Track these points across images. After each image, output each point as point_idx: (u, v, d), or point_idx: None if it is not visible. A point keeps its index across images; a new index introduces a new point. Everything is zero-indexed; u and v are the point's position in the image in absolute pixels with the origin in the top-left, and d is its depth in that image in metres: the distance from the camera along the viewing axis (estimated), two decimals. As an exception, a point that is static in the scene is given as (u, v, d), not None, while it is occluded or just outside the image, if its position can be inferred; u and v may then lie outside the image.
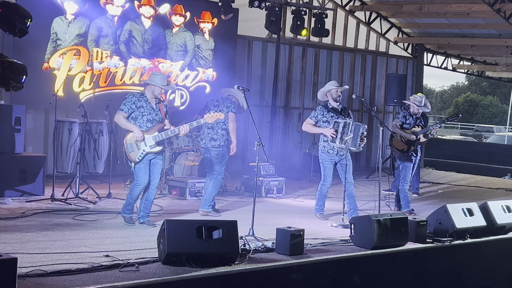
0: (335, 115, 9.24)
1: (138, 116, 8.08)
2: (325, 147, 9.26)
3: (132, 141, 8.02)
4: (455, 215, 8.40)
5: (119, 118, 8.10)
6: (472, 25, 17.75)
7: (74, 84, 12.04)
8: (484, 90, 60.23)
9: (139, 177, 8.09)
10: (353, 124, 9.13)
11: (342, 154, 9.19)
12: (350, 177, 9.26)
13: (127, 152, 8.05)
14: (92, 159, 10.50)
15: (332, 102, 9.36)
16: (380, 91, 18.60)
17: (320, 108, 9.36)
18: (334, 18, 17.19)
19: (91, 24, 12.21)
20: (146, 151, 8.02)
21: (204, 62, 13.95)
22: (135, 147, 8.01)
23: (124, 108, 8.09)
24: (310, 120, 9.43)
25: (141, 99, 8.14)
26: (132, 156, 8.03)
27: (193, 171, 11.41)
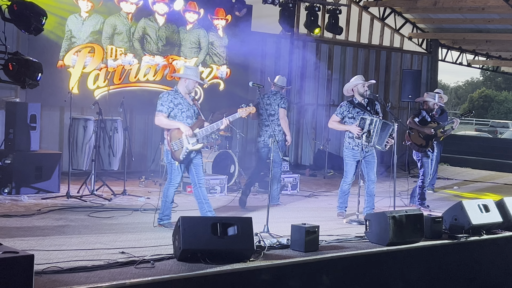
0: (361, 111, 9.09)
1: (177, 114, 7.78)
2: (350, 144, 9.14)
3: (177, 138, 7.73)
4: (471, 211, 8.35)
5: (161, 120, 7.76)
6: (487, 20, 17.63)
7: (89, 81, 12.08)
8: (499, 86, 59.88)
9: (175, 177, 7.83)
10: (380, 121, 8.94)
11: (367, 151, 9.05)
12: (373, 176, 9.13)
13: (172, 150, 7.72)
14: (107, 156, 10.53)
15: (358, 97, 9.19)
16: (395, 87, 18.53)
17: (345, 104, 9.22)
18: (348, 14, 17.14)
19: (106, 22, 12.24)
20: (189, 149, 7.74)
21: (218, 59, 13.95)
22: (179, 145, 7.72)
23: (163, 108, 7.74)
24: (335, 117, 9.22)
25: (177, 96, 7.83)
26: (177, 154, 7.72)
27: (207, 168, 11.40)
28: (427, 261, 7.79)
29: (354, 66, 17.48)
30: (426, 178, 10.30)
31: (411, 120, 10.58)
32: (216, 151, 11.67)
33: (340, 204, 9.35)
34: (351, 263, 7.03)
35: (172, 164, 7.80)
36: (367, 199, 9.14)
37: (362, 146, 8.94)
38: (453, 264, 8.03)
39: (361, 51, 17.69)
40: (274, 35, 15.62)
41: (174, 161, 7.77)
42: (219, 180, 10.80)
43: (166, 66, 13.10)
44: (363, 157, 9.02)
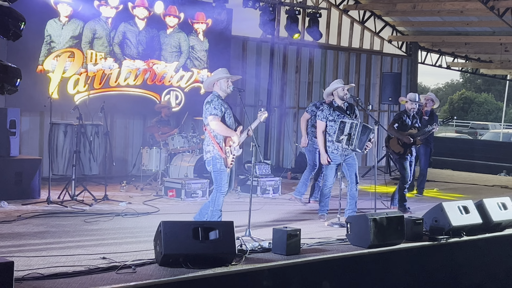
0: (341, 114, 9.15)
1: (226, 118, 7.75)
2: (329, 147, 9.17)
3: (228, 146, 7.72)
4: (451, 213, 8.42)
5: (219, 125, 7.65)
6: (466, 22, 17.79)
7: (69, 86, 12.03)
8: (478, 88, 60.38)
9: (224, 184, 7.74)
10: (360, 125, 9.00)
11: (347, 154, 9.10)
12: (356, 178, 9.17)
13: (224, 156, 7.71)
14: (87, 161, 10.49)
15: (338, 101, 9.24)
16: (375, 90, 18.63)
17: (326, 107, 9.25)
18: (328, 17, 17.22)
19: (85, 26, 12.19)
20: (236, 154, 7.80)
21: (199, 63, 13.94)
22: (229, 153, 7.72)
23: (217, 112, 7.64)
24: (321, 123, 9.21)
25: (222, 101, 7.78)
26: (228, 161, 7.72)
27: (189, 172, 11.41)
28: (408, 263, 7.85)
29: (335, 69, 17.55)
30: (405, 180, 10.36)
31: (390, 127, 10.63)
32: (197, 155, 11.67)
33: (321, 206, 9.39)
34: (333, 266, 7.06)
35: (222, 171, 7.72)
36: (349, 202, 9.17)
37: (342, 150, 8.99)
38: (433, 265, 8.09)
39: (341, 54, 17.77)
40: (255, 38, 15.64)
41: (225, 169, 7.73)
42: (201, 184, 10.80)
43: (146, 71, 13.07)
44: (343, 160, 9.06)
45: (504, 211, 9.19)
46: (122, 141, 13.25)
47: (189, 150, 11.99)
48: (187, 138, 12.03)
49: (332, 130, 9.11)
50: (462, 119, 50.65)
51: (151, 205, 9.93)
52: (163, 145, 11.87)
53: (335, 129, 9.04)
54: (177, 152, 11.93)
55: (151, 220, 8.58)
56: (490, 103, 54.83)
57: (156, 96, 13.26)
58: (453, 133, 39.95)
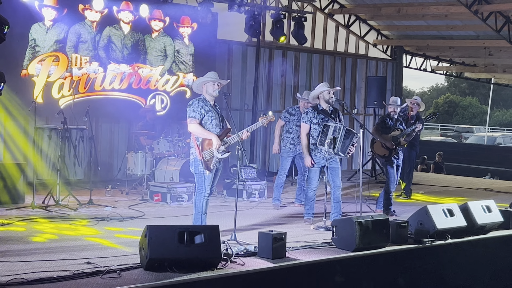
0: (325, 118, 9.17)
1: (207, 121, 7.76)
2: (313, 150, 9.19)
3: (207, 148, 7.71)
4: (436, 216, 8.45)
5: (195, 127, 7.69)
6: (450, 26, 17.91)
7: (53, 90, 11.98)
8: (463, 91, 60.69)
9: (205, 187, 7.75)
10: (343, 129, 9.03)
11: (330, 158, 9.12)
12: (338, 181, 9.18)
13: (204, 160, 7.70)
14: (72, 165, 10.47)
15: (323, 104, 9.25)
16: (360, 94, 18.69)
17: (311, 110, 9.27)
18: (313, 21, 17.27)
19: (70, 30, 12.15)
20: (219, 157, 7.73)
21: (184, 67, 13.93)
22: (210, 155, 7.70)
23: (195, 115, 7.69)
24: (305, 126, 9.22)
25: (206, 103, 7.80)
26: (208, 164, 7.71)
27: (174, 176, 11.39)
28: (393, 266, 7.86)
29: (320, 73, 17.60)
30: (391, 184, 10.39)
31: (374, 131, 10.67)
32: (183, 159, 11.65)
33: (307, 210, 9.40)
34: (319, 269, 7.06)
35: (203, 173, 7.73)
36: (334, 205, 9.18)
37: (325, 153, 9.00)
38: (419, 268, 8.11)
39: (327, 58, 17.82)
40: (240, 42, 15.66)
41: (205, 171, 7.72)
42: (186, 188, 10.77)
43: (132, 75, 13.04)
44: (325, 163, 9.09)
45: (489, 214, 9.23)
46: (107, 145, 13.20)
47: (174, 154, 11.97)
48: (172, 142, 12.02)
49: (316, 133, 9.13)
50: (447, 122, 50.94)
51: (136, 209, 9.90)
52: (148, 149, 11.85)
53: (319, 132, 9.06)
54: (162, 156, 11.91)
55: (137, 224, 8.54)
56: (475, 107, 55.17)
57: (142, 100, 13.23)
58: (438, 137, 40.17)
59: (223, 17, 14.44)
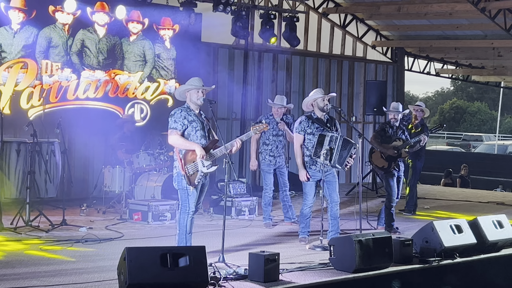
0: (320, 127, 9.18)
1: (191, 132, 7.77)
2: (307, 163, 9.19)
3: (191, 161, 7.70)
4: (442, 233, 8.47)
5: (176, 139, 7.70)
6: (455, 26, 18.02)
7: (22, 100, 11.96)
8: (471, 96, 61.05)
9: (190, 204, 7.74)
10: (340, 139, 9.03)
11: (326, 171, 9.12)
12: (336, 196, 9.18)
13: (188, 174, 7.69)
14: (43, 182, 10.42)
15: (318, 112, 9.25)
16: (359, 100, 18.76)
17: (304, 119, 9.25)
18: (306, 21, 17.34)
19: (39, 34, 12.15)
20: (204, 172, 7.72)
21: (166, 73, 13.95)
22: (194, 169, 7.69)
23: (177, 126, 7.71)
24: (299, 136, 9.22)
25: (190, 112, 7.81)
26: (192, 179, 7.69)
27: (156, 193, 11.37)
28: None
29: (315, 77, 17.66)
30: (392, 198, 10.41)
31: (372, 140, 10.69)
32: (165, 174, 11.65)
33: (302, 228, 9.40)
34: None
35: (187, 189, 7.74)
36: (331, 222, 9.18)
37: (321, 165, 9.01)
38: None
39: (321, 61, 17.89)
40: (227, 45, 15.70)
41: (189, 187, 7.72)
42: (169, 205, 10.76)
43: (108, 82, 13.05)
44: (321, 177, 9.09)
45: (500, 229, 9.27)
46: (82, 160, 13.17)
47: (156, 168, 11.96)
48: (153, 156, 12.01)
49: (311, 144, 9.14)
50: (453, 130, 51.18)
51: (114, 230, 9.87)
52: (127, 164, 11.83)
53: (314, 143, 9.07)
54: (142, 171, 11.90)
55: (115, 246, 8.52)
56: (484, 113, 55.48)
57: (119, 110, 13.24)
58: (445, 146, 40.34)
59: (207, 18, 14.47)
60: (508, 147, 35.69)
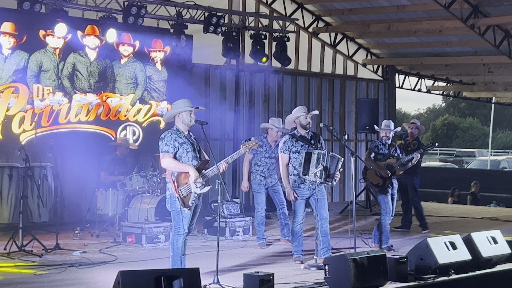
0: (305, 145, 9.22)
1: (182, 154, 7.79)
2: (296, 181, 9.23)
3: (184, 183, 7.71)
4: (437, 250, 8.47)
5: (169, 162, 7.72)
6: (445, 43, 18.12)
7: (14, 125, 11.93)
8: (463, 112, 61.22)
9: (183, 225, 7.74)
10: (328, 155, 9.10)
11: (315, 188, 9.17)
12: (325, 213, 9.21)
13: (181, 196, 7.69)
14: (36, 207, 10.39)
15: (301, 130, 9.31)
16: (351, 118, 18.80)
17: (289, 138, 9.31)
18: (296, 41, 17.42)
19: (30, 58, 12.15)
20: (198, 193, 7.73)
21: (157, 95, 13.96)
22: (188, 191, 7.71)
23: (168, 148, 7.75)
24: (284, 156, 9.25)
25: (180, 134, 7.86)
26: (186, 201, 7.70)
27: (149, 215, 11.34)
28: (393, 306, 7.86)
29: (306, 96, 17.70)
30: (386, 215, 10.43)
31: (367, 157, 10.72)
32: (158, 196, 11.62)
33: (295, 247, 9.40)
34: (311, 312, 7.04)
35: (181, 211, 7.74)
36: (322, 239, 9.20)
37: (310, 183, 9.05)
38: (421, 308, 8.11)
39: (312, 80, 17.94)
40: (218, 66, 15.74)
41: (183, 208, 7.72)
42: (163, 227, 10.73)
43: (99, 105, 13.05)
44: (310, 194, 9.13)
45: (495, 245, 9.27)
46: (75, 183, 13.11)
47: (149, 190, 11.92)
48: (146, 178, 11.99)
49: (297, 163, 9.17)
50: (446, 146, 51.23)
51: (108, 253, 9.84)
52: (120, 186, 11.81)
53: (300, 161, 9.11)
54: (136, 193, 11.87)
55: (109, 270, 8.49)
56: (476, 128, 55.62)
57: (111, 133, 13.23)
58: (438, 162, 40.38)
59: (198, 40, 14.53)
60: (500, 162, 35.77)
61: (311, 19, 17.80)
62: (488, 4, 15.19)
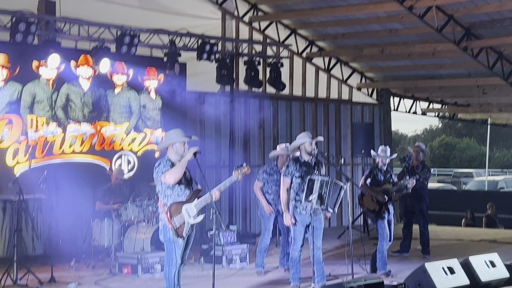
0: (308, 170, 9.19)
1: (174, 183, 7.80)
2: (297, 207, 9.20)
3: (177, 213, 7.71)
4: (435, 275, 8.43)
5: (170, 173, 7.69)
6: (439, 65, 18.16)
7: (8, 157, 11.87)
8: (459, 132, 61.30)
9: (176, 256, 7.73)
10: (331, 182, 9.09)
11: (316, 215, 9.15)
12: (319, 242, 9.20)
13: (174, 227, 7.69)
14: (30, 239, 10.36)
15: (305, 156, 9.31)
16: (346, 142, 18.78)
17: (292, 163, 9.32)
18: (290, 66, 17.45)
19: (24, 90, 12.13)
20: (191, 222, 7.72)
21: (152, 123, 13.94)
22: (181, 221, 7.70)
23: (167, 168, 7.81)
24: (286, 180, 9.24)
25: (172, 164, 7.87)
26: (179, 231, 7.68)
27: (145, 245, 11.28)
28: (391, 334, 7.79)
29: (301, 121, 17.70)
30: (384, 241, 10.39)
31: (363, 183, 10.71)
32: (154, 225, 11.56)
33: (292, 275, 9.36)
34: None
35: (174, 242, 7.71)
36: (316, 268, 9.19)
37: (311, 210, 9.01)
38: (420, 335, 8.04)
39: (307, 105, 17.95)
40: (212, 93, 15.74)
41: (176, 239, 7.68)
42: (159, 257, 10.66)
43: (94, 135, 13.01)
44: (310, 221, 9.09)
45: (493, 269, 9.23)
46: (70, 215, 12.98)
47: (144, 220, 11.88)
48: (142, 207, 11.94)
49: (300, 188, 9.14)
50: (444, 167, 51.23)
51: (104, 284, 9.77)
52: (115, 216, 11.75)
53: (303, 187, 9.07)
54: (131, 223, 11.81)
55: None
56: (473, 148, 55.66)
57: (106, 162, 13.19)
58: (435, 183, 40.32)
59: (192, 67, 14.55)
60: (498, 182, 35.75)
61: (304, 44, 17.86)
62: (481, 27, 15.24)
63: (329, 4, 15.82)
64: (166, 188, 7.82)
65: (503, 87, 18.03)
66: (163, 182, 7.78)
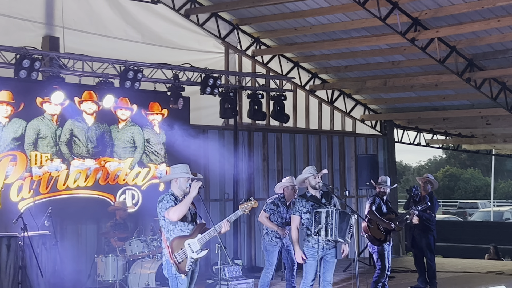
0: (315, 204, 9.19)
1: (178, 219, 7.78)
2: (309, 242, 9.16)
3: (179, 248, 7.68)
4: (442, 308, 8.36)
5: (174, 209, 7.65)
6: (442, 96, 18.19)
7: (12, 193, 11.88)
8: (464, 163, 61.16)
9: None
10: (336, 212, 9.05)
11: (329, 248, 9.12)
12: (329, 277, 9.16)
13: (176, 262, 7.66)
14: (35, 277, 10.26)
15: (311, 190, 9.31)
16: (351, 174, 18.76)
17: (298, 200, 9.32)
18: (294, 99, 17.49)
19: (28, 126, 12.17)
20: (194, 257, 7.69)
21: (156, 157, 13.96)
22: (183, 256, 7.67)
23: (172, 204, 7.79)
24: (296, 218, 9.21)
25: (176, 198, 7.86)
26: (182, 266, 7.64)
27: (150, 280, 11.23)
28: None
29: (305, 154, 17.71)
30: (383, 272, 10.37)
31: (370, 210, 10.72)
32: (159, 260, 11.52)
33: (302, 312, 9.28)
34: None
35: (177, 277, 7.68)
36: (324, 303, 9.11)
37: (323, 243, 8.97)
38: None
39: (311, 138, 17.97)
40: (216, 127, 15.78)
41: (179, 274, 7.64)
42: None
43: (98, 170, 13.02)
44: (323, 255, 9.05)
45: (501, 302, 9.16)
46: (74, 250, 12.98)
47: (149, 255, 11.84)
48: (146, 242, 11.91)
49: (310, 223, 9.12)
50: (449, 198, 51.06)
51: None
52: (119, 252, 11.72)
53: (312, 221, 9.05)
54: (136, 258, 11.78)
55: None
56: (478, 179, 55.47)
57: (110, 197, 13.18)
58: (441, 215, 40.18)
59: (195, 101, 14.60)
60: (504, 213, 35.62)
61: (307, 77, 17.94)
62: (483, 58, 15.31)
63: (331, 37, 15.94)
64: (169, 223, 7.80)
65: (507, 117, 18.05)
66: (167, 218, 7.76)
